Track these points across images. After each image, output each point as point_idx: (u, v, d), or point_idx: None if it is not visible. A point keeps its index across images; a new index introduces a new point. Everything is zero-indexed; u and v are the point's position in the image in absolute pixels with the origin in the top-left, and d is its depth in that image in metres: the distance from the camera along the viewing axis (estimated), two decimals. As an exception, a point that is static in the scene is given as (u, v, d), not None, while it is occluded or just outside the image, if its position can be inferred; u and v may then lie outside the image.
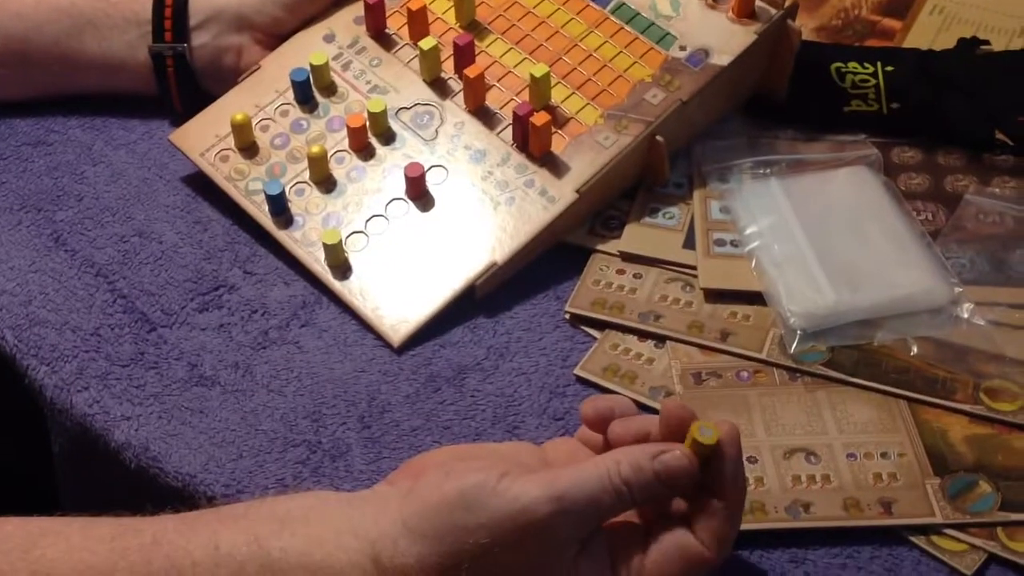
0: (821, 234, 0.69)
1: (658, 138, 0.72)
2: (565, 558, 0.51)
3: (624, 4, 0.77)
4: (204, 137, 0.75)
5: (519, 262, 0.70)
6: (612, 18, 0.77)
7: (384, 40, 0.78)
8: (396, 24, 0.78)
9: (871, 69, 0.81)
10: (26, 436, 0.76)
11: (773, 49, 0.76)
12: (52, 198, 0.75)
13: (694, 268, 0.70)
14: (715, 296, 0.68)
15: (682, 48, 0.75)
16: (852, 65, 0.82)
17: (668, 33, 0.75)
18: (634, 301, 0.68)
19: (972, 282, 0.67)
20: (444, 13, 0.78)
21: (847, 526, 0.58)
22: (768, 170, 0.74)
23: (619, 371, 0.65)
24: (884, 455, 0.60)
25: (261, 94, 0.76)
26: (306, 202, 0.72)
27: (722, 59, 0.74)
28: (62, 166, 0.77)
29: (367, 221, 0.71)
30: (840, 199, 0.72)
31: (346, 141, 0.74)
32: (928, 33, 0.86)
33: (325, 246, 0.69)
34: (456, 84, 0.75)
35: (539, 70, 0.72)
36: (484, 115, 0.74)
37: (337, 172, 0.73)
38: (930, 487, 0.59)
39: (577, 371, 0.66)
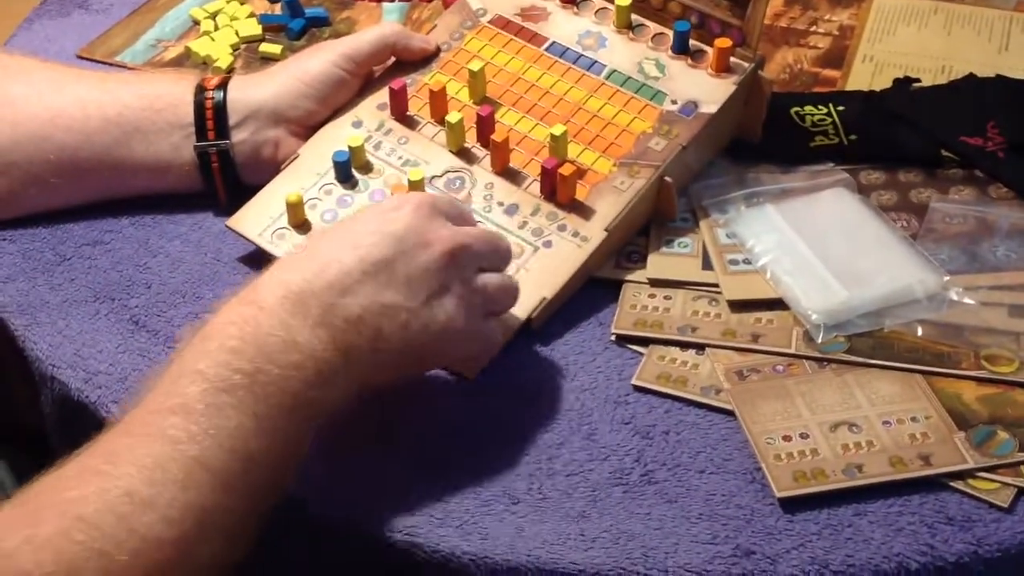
0: (820, 244, 0.80)
1: (667, 178, 0.82)
2: None
3: (615, 71, 0.88)
4: (259, 220, 0.83)
5: (564, 295, 0.78)
6: (607, 83, 0.87)
7: (407, 121, 0.87)
8: (416, 107, 0.87)
9: (825, 110, 0.94)
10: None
11: (748, 97, 0.88)
12: (122, 288, 0.82)
13: (716, 286, 0.79)
14: (739, 306, 0.78)
15: (673, 102, 0.85)
16: (808, 108, 0.94)
17: (659, 91, 0.86)
18: (670, 318, 0.78)
19: (954, 272, 0.78)
20: (457, 93, 0.88)
21: (897, 479, 0.67)
22: (760, 199, 0.85)
23: (671, 377, 0.74)
24: (913, 419, 0.70)
25: (303, 178, 0.84)
26: None
27: (710, 108, 0.85)
28: (124, 260, 0.84)
29: None
30: (829, 215, 0.83)
31: None
32: (864, 78, 0.99)
33: None
34: (479, 151, 0.84)
35: (557, 129, 0.82)
36: (510, 175, 0.83)
37: None
38: (958, 440, 0.69)
39: (634, 381, 0.74)
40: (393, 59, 0.90)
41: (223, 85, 0.85)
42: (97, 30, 1.08)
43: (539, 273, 0.78)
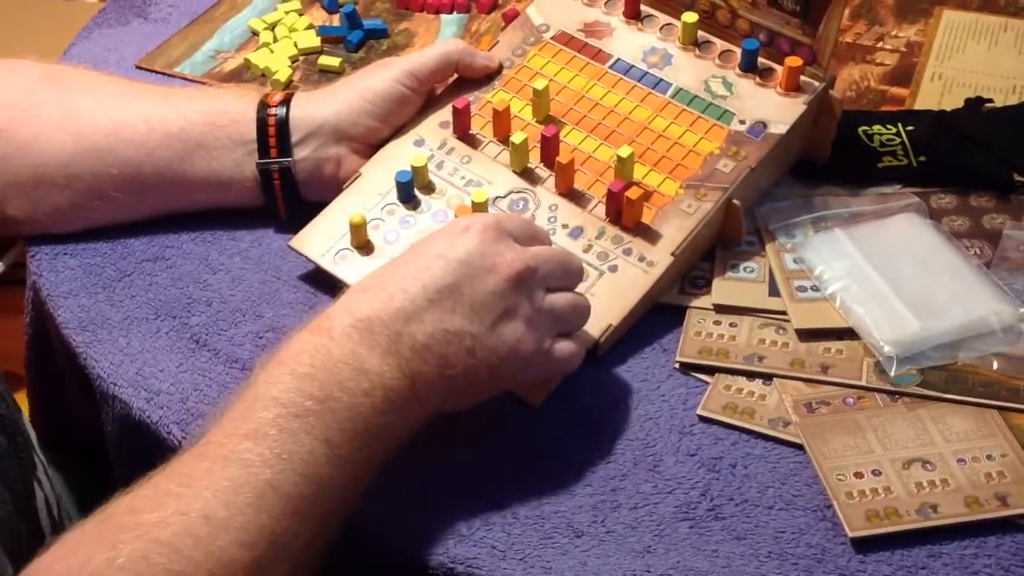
0: (892, 272, 0.78)
1: (735, 201, 0.81)
2: None
3: (682, 89, 0.86)
4: (322, 240, 0.82)
5: (630, 321, 0.77)
6: (673, 102, 0.86)
7: (470, 140, 0.86)
8: (478, 125, 0.86)
9: (894, 130, 0.92)
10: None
11: (817, 117, 0.86)
12: (183, 305, 0.81)
13: (783, 313, 0.78)
14: (808, 335, 0.77)
15: (742, 122, 0.84)
16: (876, 127, 0.92)
17: (727, 110, 0.84)
18: (736, 346, 0.76)
19: (1030, 303, 0.77)
20: (520, 111, 0.86)
21: (972, 520, 0.66)
22: (829, 223, 0.83)
23: (737, 408, 0.73)
24: (989, 457, 0.69)
25: (366, 198, 0.84)
26: None
27: (779, 128, 0.83)
28: (184, 276, 0.83)
29: None
30: (900, 242, 0.81)
31: None
32: (933, 97, 0.97)
33: None
34: (543, 172, 0.83)
35: (624, 151, 0.80)
36: (574, 196, 0.82)
37: None
38: (1035, 479, 0.67)
39: (700, 411, 0.73)
40: (455, 76, 0.89)
41: (286, 102, 0.85)
42: (156, 40, 1.08)
43: (605, 299, 0.77)
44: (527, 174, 0.83)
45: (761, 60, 0.86)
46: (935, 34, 1.04)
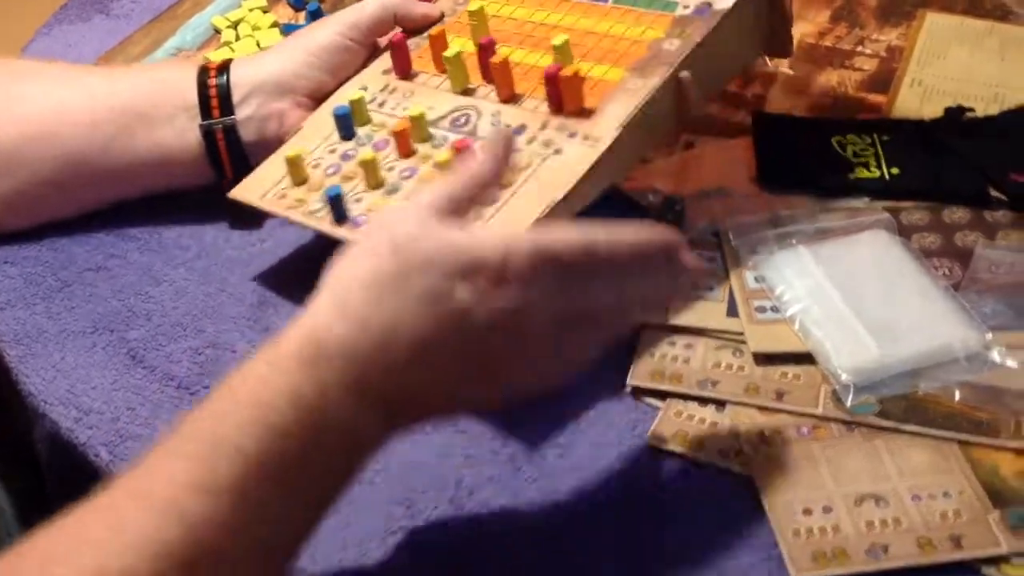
0: (855, 294, 0.75)
1: (683, 74, 0.77)
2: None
3: None
4: (262, 185, 0.80)
5: (579, 200, 0.73)
6: (617, 6, 0.84)
7: (412, 77, 0.84)
8: (421, 64, 0.84)
9: (868, 140, 0.89)
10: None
11: (770, 4, 0.83)
12: (123, 319, 0.79)
13: (740, 334, 0.75)
14: (765, 359, 0.74)
15: (686, 7, 0.81)
16: (851, 137, 0.89)
17: (671, 1, 0.82)
18: (690, 370, 0.73)
19: (997, 328, 0.73)
20: (464, 45, 0.84)
21: (925, 563, 0.63)
22: (795, 239, 0.80)
23: (688, 436, 0.70)
24: (946, 495, 0.65)
25: (308, 142, 0.82)
26: (367, 205, 0.76)
27: (724, 4, 0.80)
28: (126, 288, 0.81)
29: None
30: (866, 261, 0.78)
31: (394, 153, 0.78)
32: (912, 105, 0.93)
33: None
34: (485, 88, 0.81)
35: (559, 39, 0.78)
36: (517, 99, 0.79)
37: (390, 176, 0.77)
38: (992, 520, 0.64)
39: (649, 439, 0.70)
40: (398, 29, 0.87)
41: (226, 66, 0.83)
42: (117, 36, 1.05)
43: (549, 178, 0.73)
44: (468, 93, 0.81)
45: None
46: (917, 38, 1.01)
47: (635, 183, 0.86)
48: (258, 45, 1.02)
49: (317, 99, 0.84)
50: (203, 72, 0.83)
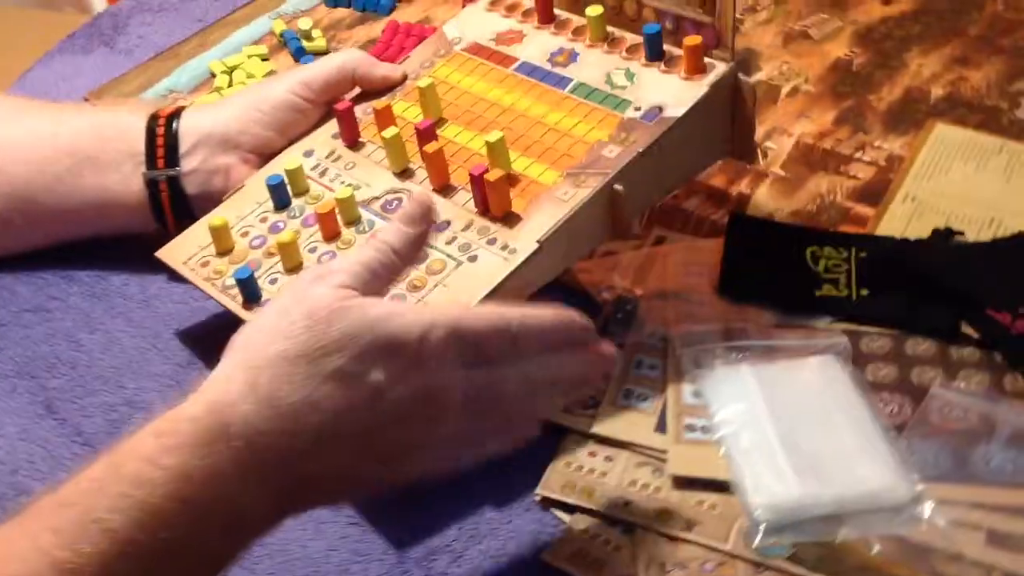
0: (789, 424, 0.71)
1: (617, 187, 0.75)
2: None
3: (582, 84, 0.82)
4: (188, 248, 0.79)
5: None
6: (571, 97, 0.82)
7: (357, 146, 0.83)
8: (369, 133, 0.83)
9: (845, 254, 0.85)
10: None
11: (731, 106, 0.80)
12: (48, 365, 0.78)
13: (665, 452, 0.71)
14: (684, 483, 0.70)
15: (637, 109, 0.79)
16: (827, 250, 0.85)
17: (624, 100, 0.80)
18: (604, 485, 0.70)
19: (934, 479, 0.69)
20: (414, 117, 0.83)
21: None
22: (741, 355, 0.76)
23: (588, 558, 0.67)
24: (844, 655, 0.61)
25: (243, 207, 0.81)
26: (279, 289, 0.75)
27: (675, 111, 0.78)
28: (59, 333, 0.80)
29: None
30: (809, 389, 0.74)
31: (319, 233, 0.77)
32: (900, 221, 0.89)
33: None
34: (422, 172, 0.79)
35: (493, 136, 0.76)
36: (448, 191, 0.78)
37: (308, 260, 0.76)
38: None
39: (546, 557, 0.67)
40: (358, 89, 0.86)
41: (178, 114, 0.82)
42: (114, 72, 1.06)
43: (456, 290, 0.72)
44: (406, 174, 0.80)
45: (669, 48, 0.82)
46: (921, 149, 0.96)
47: (593, 276, 0.83)
48: (248, 94, 1.01)
49: (263, 155, 0.83)
50: (152, 119, 0.82)
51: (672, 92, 0.79)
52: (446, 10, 1.14)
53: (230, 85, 1.03)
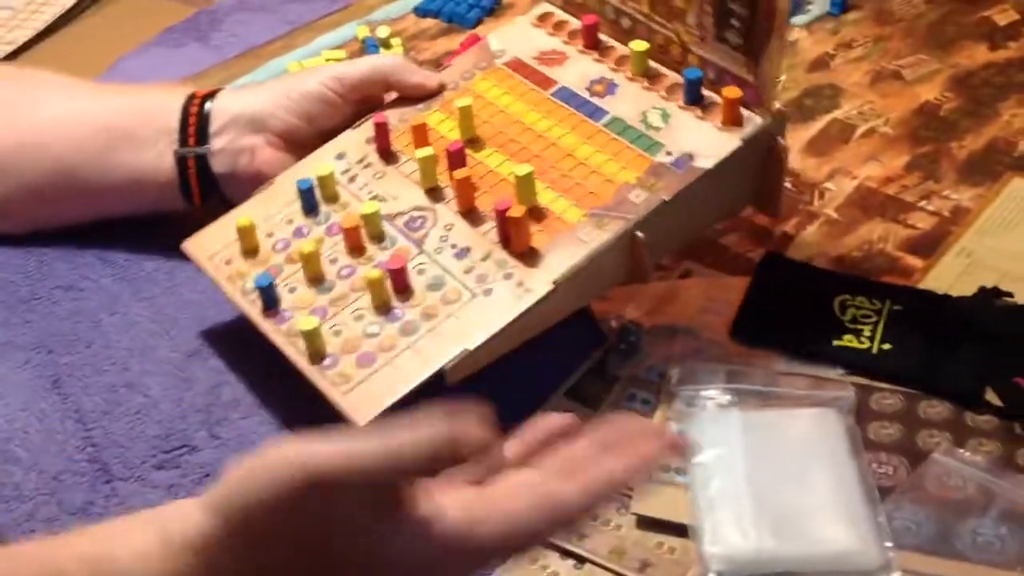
0: (764, 475, 0.68)
1: (638, 234, 0.73)
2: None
3: (617, 118, 0.80)
4: (213, 244, 0.81)
5: (492, 352, 0.71)
6: (604, 130, 0.80)
7: (389, 156, 0.83)
8: (402, 143, 0.83)
9: (878, 306, 0.81)
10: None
11: (763, 162, 0.78)
12: (66, 342, 0.81)
13: (632, 490, 0.69)
14: (647, 523, 0.68)
15: (668, 153, 0.77)
16: (859, 299, 0.81)
17: (657, 142, 0.78)
18: (566, 517, 0.68)
19: (913, 548, 0.65)
20: (448, 132, 0.83)
21: None
22: (738, 399, 0.73)
23: (532, 588, 0.65)
24: None
25: (271, 205, 0.82)
26: (297, 298, 0.76)
27: (706, 162, 0.76)
28: (84, 312, 0.83)
29: (351, 313, 0.74)
30: (796, 441, 0.71)
31: (342, 244, 0.78)
32: (948, 276, 0.84)
33: (302, 333, 0.72)
34: (450, 191, 0.79)
35: (522, 169, 0.76)
36: (473, 217, 0.77)
37: (328, 270, 0.77)
38: None
39: (490, 582, 0.66)
40: (395, 94, 0.86)
41: (213, 95, 0.85)
42: (201, 66, 1.09)
43: (468, 322, 0.71)
44: (434, 192, 0.79)
45: (709, 94, 0.79)
46: (992, 202, 0.91)
47: (606, 304, 0.81)
48: (317, 96, 1.03)
49: (289, 141, 0.84)
50: (189, 99, 0.84)
51: (705, 141, 0.77)
52: (530, 27, 1.14)
53: (302, 87, 1.05)
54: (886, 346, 0.77)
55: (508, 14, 1.16)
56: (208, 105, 0.84)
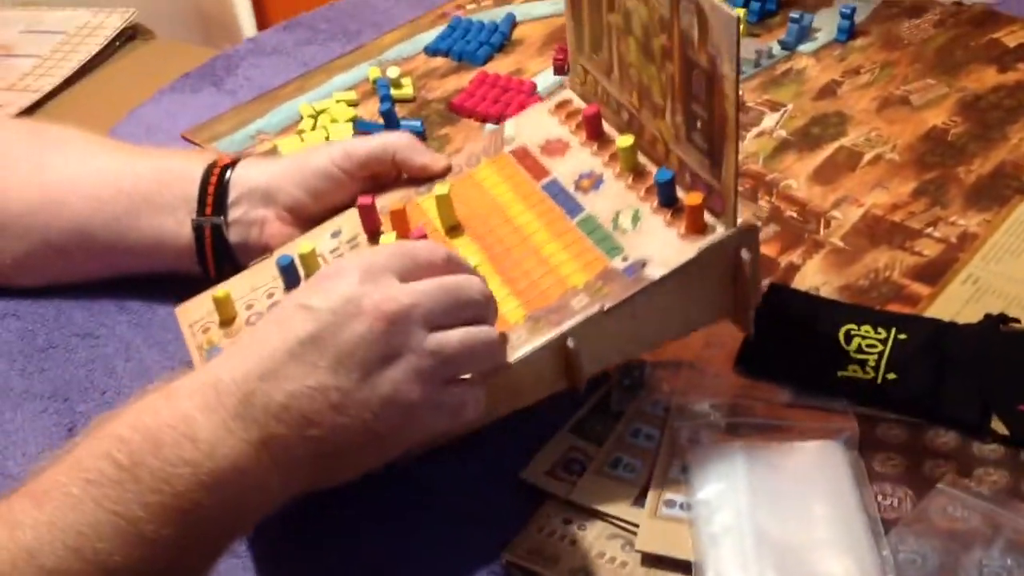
0: (767, 510, 0.68)
1: (569, 342, 0.72)
2: None
3: (590, 217, 0.78)
4: (199, 311, 0.82)
5: (417, 451, 0.70)
6: (576, 228, 0.78)
7: (376, 237, 0.83)
8: (389, 226, 0.83)
9: (883, 335, 0.81)
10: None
11: (733, 277, 0.74)
12: (81, 389, 0.83)
13: (638, 526, 0.70)
14: (652, 560, 0.68)
15: (624, 259, 0.74)
16: (865, 328, 0.81)
17: (618, 245, 0.75)
18: (570, 554, 0.69)
19: (915, 581, 0.65)
20: (435, 217, 0.83)
21: None
22: (741, 432, 0.74)
23: (536, 627, 0.66)
24: None
25: (259, 279, 0.83)
26: None
27: (655, 271, 0.72)
28: (99, 359, 0.85)
29: None
30: (799, 476, 0.71)
31: None
32: (955, 303, 0.84)
33: None
34: None
35: (473, 261, 0.76)
36: None
37: None
38: None
39: (494, 622, 0.67)
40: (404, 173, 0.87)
41: (233, 164, 0.86)
42: (216, 111, 1.11)
43: None
44: None
45: (683, 197, 0.75)
46: (998, 228, 0.91)
47: (612, 340, 0.82)
48: (327, 138, 1.05)
49: (296, 215, 0.85)
50: (209, 168, 0.86)
51: (663, 248, 0.73)
52: (539, 62, 1.15)
53: (314, 128, 1.06)
54: (891, 376, 0.77)
55: (517, 51, 1.17)
56: (228, 174, 0.85)
